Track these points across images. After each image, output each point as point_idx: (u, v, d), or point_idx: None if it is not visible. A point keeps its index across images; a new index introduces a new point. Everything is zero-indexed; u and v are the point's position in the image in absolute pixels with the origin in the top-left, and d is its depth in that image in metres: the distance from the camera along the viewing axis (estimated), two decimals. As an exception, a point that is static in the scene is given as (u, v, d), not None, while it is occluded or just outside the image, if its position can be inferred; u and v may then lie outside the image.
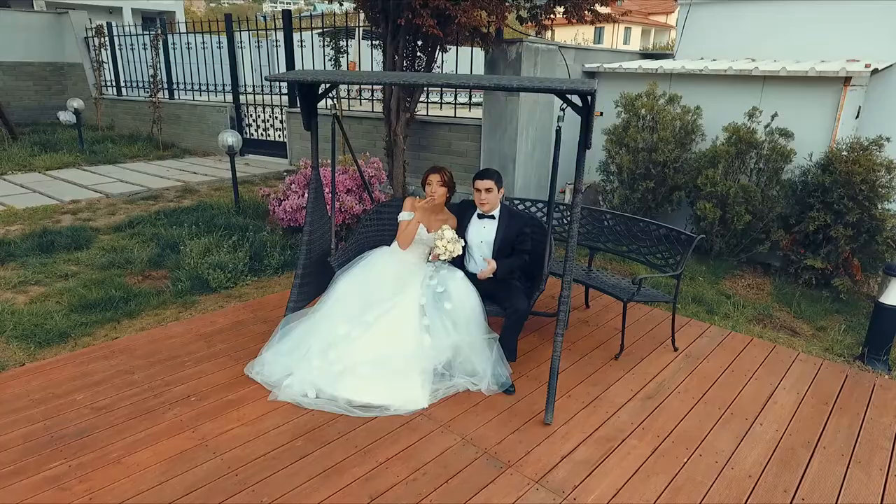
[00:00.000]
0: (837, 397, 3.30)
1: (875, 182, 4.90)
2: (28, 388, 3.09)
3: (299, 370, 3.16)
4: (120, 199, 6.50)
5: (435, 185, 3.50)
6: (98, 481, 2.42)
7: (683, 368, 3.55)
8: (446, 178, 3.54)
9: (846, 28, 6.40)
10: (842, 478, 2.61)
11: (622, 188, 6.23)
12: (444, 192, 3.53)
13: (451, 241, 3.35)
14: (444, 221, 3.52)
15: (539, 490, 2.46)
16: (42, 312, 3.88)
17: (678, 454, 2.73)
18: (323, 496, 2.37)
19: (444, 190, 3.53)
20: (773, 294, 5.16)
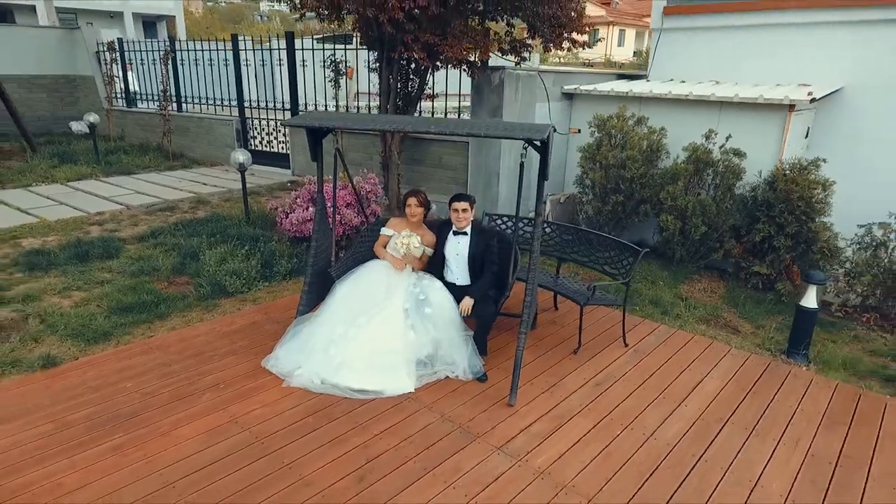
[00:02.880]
0: (755, 384, 3.98)
1: (811, 199, 5.57)
2: (84, 378, 3.75)
3: (307, 363, 3.82)
4: (140, 211, 7.15)
5: (414, 207, 4.17)
6: (151, 449, 3.07)
7: (630, 361, 4.22)
8: (422, 199, 4.21)
9: (805, 54, 7.05)
10: (741, 445, 3.28)
11: (595, 200, 6.89)
12: (421, 212, 4.20)
13: (408, 238, 4.08)
14: (422, 236, 4.19)
15: (500, 455, 3.12)
16: (86, 314, 4.53)
17: (614, 429, 3.40)
18: (330, 459, 3.03)
19: (422, 210, 4.20)
20: (725, 297, 5.83)
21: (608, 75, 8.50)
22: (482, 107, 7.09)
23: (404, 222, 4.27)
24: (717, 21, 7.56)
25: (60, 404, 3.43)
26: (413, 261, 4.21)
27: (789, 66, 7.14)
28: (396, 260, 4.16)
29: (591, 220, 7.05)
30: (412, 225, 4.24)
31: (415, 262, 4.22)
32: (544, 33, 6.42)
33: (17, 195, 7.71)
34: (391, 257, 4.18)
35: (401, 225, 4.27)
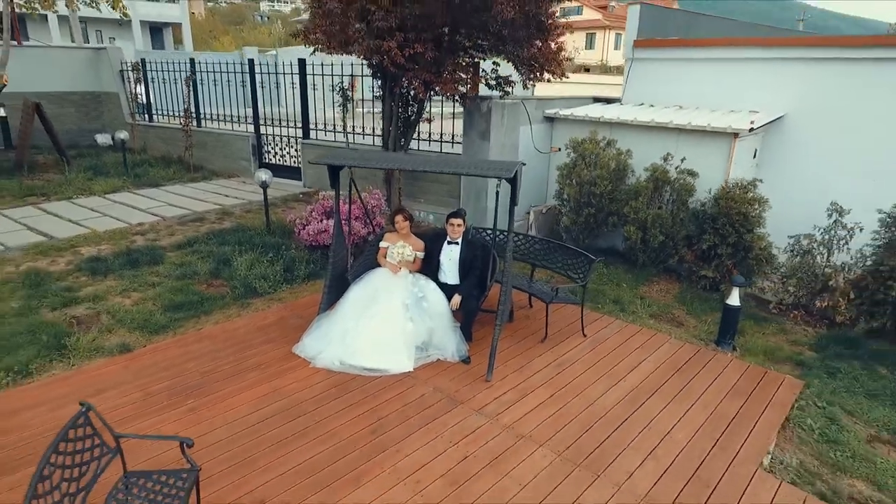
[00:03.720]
0: (683, 365, 5.01)
1: (748, 214, 6.60)
2: (154, 360, 4.77)
3: (327, 349, 4.85)
4: (174, 222, 8.18)
5: (401, 222, 5.20)
6: (217, 410, 4.10)
7: (586, 348, 5.25)
8: (406, 215, 5.26)
9: (755, 84, 8.06)
10: (661, 409, 4.32)
11: (571, 213, 7.91)
12: (407, 224, 5.23)
13: (400, 247, 5.13)
14: (412, 245, 5.22)
15: (477, 415, 4.15)
16: (146, 311, 5.56)
17: (566, 398, 4.43)
18: (349, 418, 4.06)
19: (407, 223, 5.24)
20: (677, 296, 6.87)
21: (585, 99, 9.51)
22: (473, 130, 8.12)
23: (396, 235, 5.29)
24: (680, 54, 8.59)
25: (141, 379, 4.46)
26: (408, 264, 5.22)
27: (742, 94, 8.16)
28: (393, 266, 5.18)
29: (568, 229, 8.06)
30: (402, 236, 5.27)
31: (409, 265, 5.24)
32: (524, 72, 7.43)
33: (63, 207, 8.74)
34: (389, 264, 5.21)
35: (394, 237, 5.29)
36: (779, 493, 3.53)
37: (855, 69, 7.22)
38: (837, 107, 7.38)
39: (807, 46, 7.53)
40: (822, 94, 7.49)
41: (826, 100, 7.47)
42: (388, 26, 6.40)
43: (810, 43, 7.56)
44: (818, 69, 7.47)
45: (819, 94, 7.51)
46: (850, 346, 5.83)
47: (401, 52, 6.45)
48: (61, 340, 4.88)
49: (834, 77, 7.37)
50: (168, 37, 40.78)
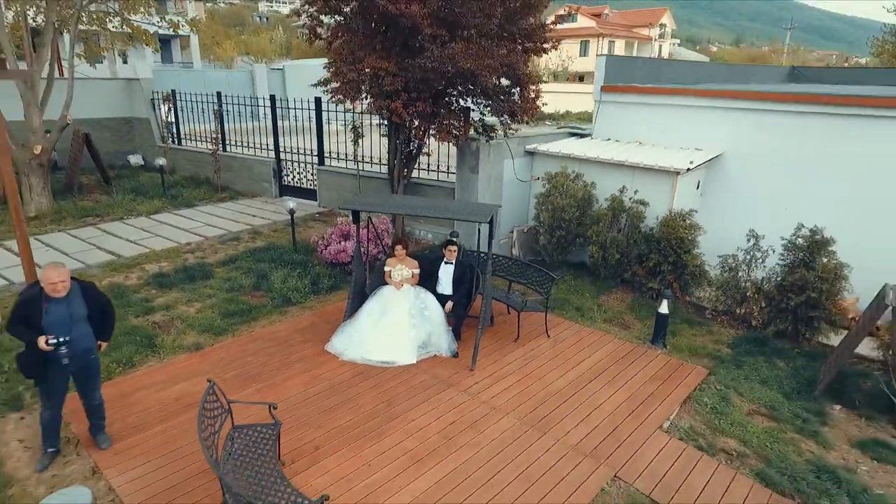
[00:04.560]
0: (620, 359, 6.62)
1: (684, 238, 8.20)
2: (221, 356, 6.37)
3: (350, 347, 6.44)
4: (215, 241, 9.77)
5: (399, 250, 6.79)
6: (276, 392, 5.69)
7: (548, 346, 6.86)
8: (405, 243, 6.84)
9: (701, 126, 9.64)
10: (597, 390, 5.93)
11: (546, 233, 9.51)
12: (404, 252, 6.81)
13: (400, 269, 6.71)
14: (408, 266, 6.80)
15: (463, 393, 5.76)
16: (208, 318, 7.16)
17: (529, 382, 6.04)
18: (371, 396, 5.66)
19: (404, 251, 6.82)
20: (629, 304, 8.47)
21: (561, 134, 11.11)
22: (465, 164, 9.72)
23: (396, 259, 6.87)
24: (639, 99, 10.20)
25: (215, 370, 6.06)
26: (408, 280, 6.80)
27: (690, 134, 9.75)
28: (397, 283, 6.78)
29: (544, 247, 9.66)
30: (400, 259, 6.85)
31: (409, 281, 6.81)
32: (504, 121, 9.00)
33: (119, 227, 10.33)
34: (394, 283, 6.80)
35: (394, 261, 6.87)
36: (667, 446, 5.15)
37: (772, 119, 8.82)
38: (760, 150, 8.98)
39: (735, 98, 9.12)
40: (749, 138, 9.09)
41: (751, 143, 9.08)
42: (394, 89, 7.99)
43: (737, 95, 9.14)
44: (744, 117, 9.07)
45: (746, 138, 9.11)
46: (759, 345, 7.44)
47: (405, 110, 8.05)
48: (151, 340, 6.48)
49: (756, 125, 8.97)
50: (176, 47, 42.34)
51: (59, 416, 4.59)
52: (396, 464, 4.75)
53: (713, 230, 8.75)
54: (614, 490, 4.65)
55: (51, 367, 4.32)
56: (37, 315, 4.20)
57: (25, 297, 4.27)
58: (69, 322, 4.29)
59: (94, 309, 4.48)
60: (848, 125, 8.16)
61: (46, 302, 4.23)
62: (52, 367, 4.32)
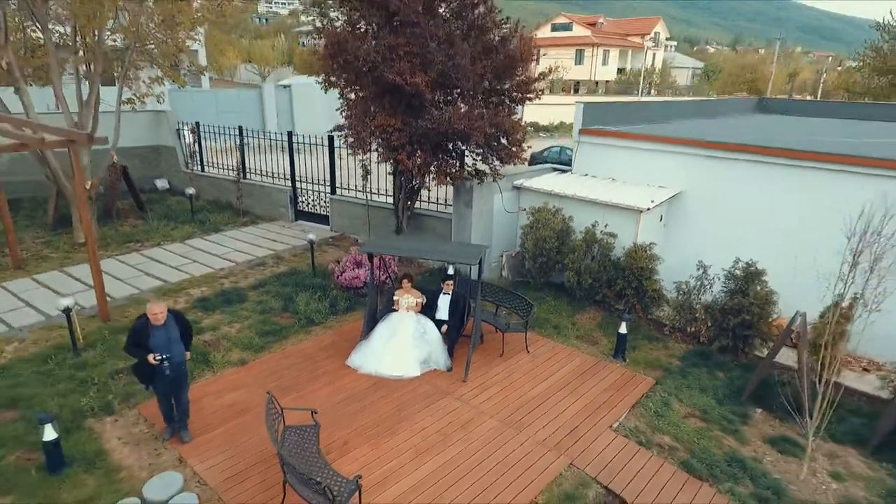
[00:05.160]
0: (586, 371, 8.14)
1: (644, 267, 9.72)
2: (262, 369, 7.88)
3: (367, 363, 7.96)
4: (244, 266, 11.28)
5: (406, 284, 8.32)
6: (309, 399, 7.21)
7: (527, 360, 8.38)
8: (410, 278, 8.37)
9: (665, 167, 11.14)
10: (564, 397, 7.45)
11: (530, 259, 11.01)
12: (410, 285, 8.33)
13: (406, 298, 8.21)
14: (413, 296, 8.32)
15: (457, 400, 7.29)
16: (247, 337, 8.67)
17: (510, 391, 7.56)
18: (384, 402, 7.18)
19: (410, 284, 8.34)
20: (599, 323, 9.99)
21: (546, 169, 12.61)
22: (460, 199, 11.22)
23: (403, 290, 8.38)
24: (610, 142, 11.71)
25: (259, 381, 7.58)
26: (413, 308, 8.32)
27: (655, 173, 11.25)
28: (404, 310, 8.29)
29: (529, 271, 11.16)
30: (407, 291, 8.36)
31: (413, 308, 8.33)
32: (494, 165, 10.51)
33: (159, 253, 11.84)
34: (401, 309, 8.31)
35: (402, 292, 8.38)
36: (614, 441, 6.68)
37: (716, 164, 10.31)
38: (709, 190, 10.49)
39: (686, 145, 10.63)
40: (700, 179, 10.61)
41: (702, 184, 10.59)
42: (400, 143, 9.51)
43: (688, 143, 10.62)
44: (695, 162, 10.57)
45: (698, 180, 10.63)
46: (704, 358, 8.97)
47: (408, 160, 9.57)
48: (206, 357, 8.00)
49: (704, 169, 10.48)
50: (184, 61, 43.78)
51: (170, 407, 6.20)
52: (405, 455, 6.27)
53: (675, 257, 10.29)
54: (570, 474, 6.18)
55: (156, 376, 5.87)
56: (145, 339, 5.75)
57: (137, 326, 5.82)
58: (168, 343, 5.84)
59: (182, 330, 6.03)
60: (777, 173, 9.68)
61: (151, 328, 5.78)
62: (157, 376, 5.87)
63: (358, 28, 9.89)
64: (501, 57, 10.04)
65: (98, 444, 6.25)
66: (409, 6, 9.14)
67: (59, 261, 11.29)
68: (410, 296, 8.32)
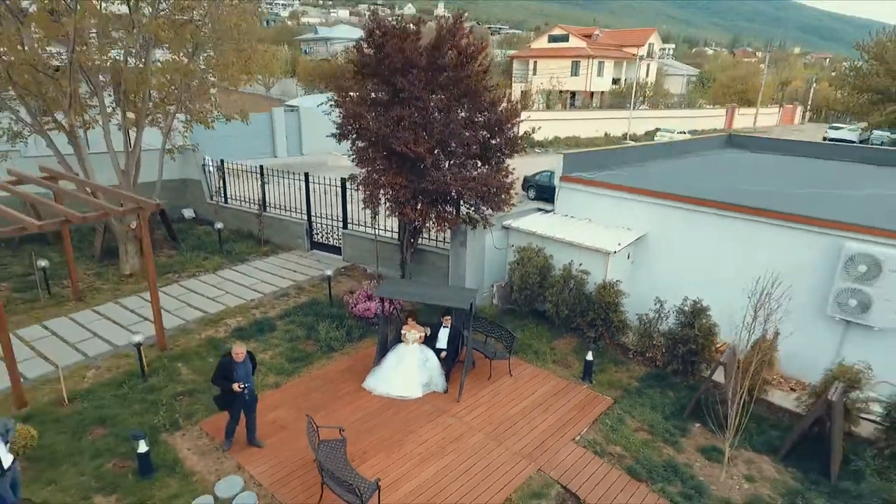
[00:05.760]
0: (557, 392, 9.97)
1: (610, 301, 11.54)
2: (293, 392, 9.71)
3: (379, 386, 9.80)
4: (271, 297, 13.10)
5: (410, 322, 10.15)
6: (333, 417, 9.03)
7: (510, 383, 10.21)
8: (416, 316, 10.21)
9: (634, 212, 12.94)
10: (538, 414, 9.28)
11: (516, 291, 12.83)
12: (414, 322, 10.17)
13: (411, 333, 10.05)
14: (417, 331, 10.15)
15: (452, 417, 9.12)
16: (279, 363, 10.49)
17: (494, 410, 9.39)
18: (395, 418, 9.02)
19: (414, 321, 10.18)
20: (574, 348, 11.81)
21: (531, 210, 14.42)
22: (456, 240, 13.04)
23: (408, 326, 10.22)
24: (585, 189, 13.52)
25: (292, 402, 9.40)
26: (416, 340, 10.15)
27: (625, 217, 13.04)
28: (408, 342, 10.12)
29: (516, 300, 12.97)
30: (412, 326, 10.20)
31: (417, 340, 10.16)
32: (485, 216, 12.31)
33: (196, 284, 13.66)
34: (407, 342, 10.14)
35: (407, 327, 10.21)
36: (574, 451, 8.51)
37: (673, 212, 12.12)
38: (668, 234, 12.30)
39: (646, 195, 12.43)
40: (662, 224, 12.42)
41: (662, 229, 12.40)
42: (406, 198, 11.34)
43: (647, 193, 12.41)
44: (655, 209, 12.37)
45: (661, 225, 12.44)
46: (659, 380, 10.79)
47: (412, 213, 11.39)
48: (248, 381, 9.81)
49: (663, 215, 12.28)
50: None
51: (235, 426, 8.07)
52: (412, 462, 8.10)
53: (641, 291, 12.11)
54: (538, 477, 8.01)
55: (235, 401, 7.72)
56: (230, 372, 7.61)
57: (224, 362, 7.72)
58: (246, 375, 7.73)
59: (252, 365, 7.90)
60: (725, 223, 11.48)
61: (234, 364, 7.64)
62: (236, 401, 7.73)
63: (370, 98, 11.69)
64: (492, 118, 11.84)
65: (174, 454, 8.08)
66: (413, 84, 10.96)
67: (110, 292, 13.12)
68: (415, 331, 10.16)
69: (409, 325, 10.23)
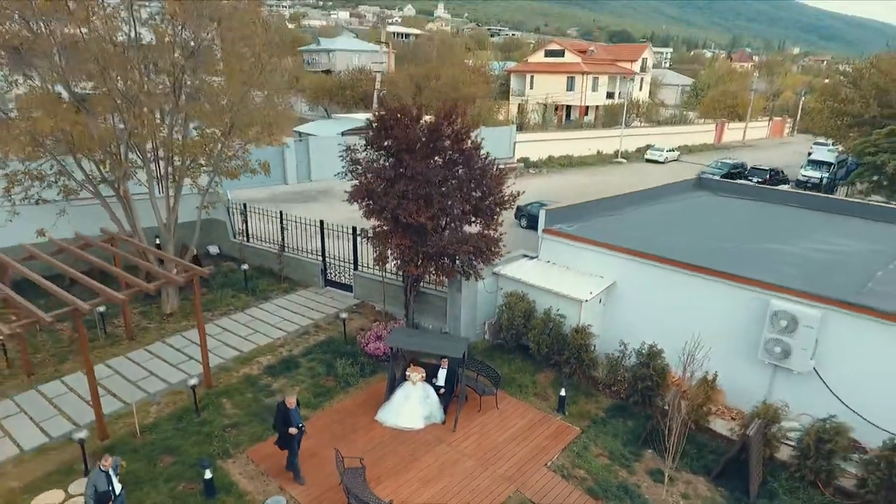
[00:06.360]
0: (535, 423, 12.14)
1: (581, 343, 13.69)
2: (319, 424, 11.87)
3: (388, 418, 11.99)
4: (293, 336, 15.26)
5: (413, 366, 12.34)
6: (353, 447, 11.17)
7: (496, 415, 12.39)
8: (417, 362, 12.38)
9: (606, 262, 15.09)
10: (518, 443, 11.45)
11: (504, 330, 15.00)
12: (415, 366, 12.34)
13: (415, 374, 12.24)
14: (419, 373, 12.34)
15: (447, 446, 11.30)
16: (305, 397, 12.65)
17: (483, 438, 11.57)
18: (403, 447, 11.20)
19: (416, 365, 12.35)
20: (552, 381, 13.98)
21: (518, 256, 16.57)
22: (453, 287, 15.19)
23: (412, 368, 12.39)
24: (563, 241, 15.67)
25: (319, 433, 11.57)
26: (419, 380, 12.32)
27: (599, 266, 15.19)
28: (412, 382, 12.29)
29: (504, 337, 15.12)
30: (415, 370, 12.37)
31: (420, 380, 12.33)
32: (478, 270, 14.48)
33: (229, 323, 15.82)
34: (411, 382, 12.30)
35: (412, 369, 12.39)
36: (546, 474, 10.69)
37: (634, 265, 14.26)
38: (633, 284, 14.45)
39: (613, 250, 14.55)
40: (626, 275, 14.56)
41: (627, 278, 14.55)
42: (410, 257, 13.50)
43: (612, 248, 14.55)
44: (620, 262, 14.53)
45: (625, 275, 14.59)
46: (622, 411, 12.96)
47: (416, 270, 13.57)
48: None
49: (627, 268, 14.43)
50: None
51: (296, 460, 10.15)
52: (417, 484, 10.28)
53: (611, 331, 14.30)
54: (515, 496, 10.18)
55: (292, 440, 9.90)
56: (287, 417, 9.78)
57: (281, 409, 9.89)
58: (299, 418, 9.89)
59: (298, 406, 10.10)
60: (675, 277, 13.62)
61: (290, 410, 9.80)
62: (293, 440, 9.90)
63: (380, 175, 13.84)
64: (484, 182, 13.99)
65: (229, 478, 10.25)
66: (417, 163, 13.12)
67: (157, 331, 15.28)
68: (417, 373, 12.34)
69: (413, 368, 12.40)
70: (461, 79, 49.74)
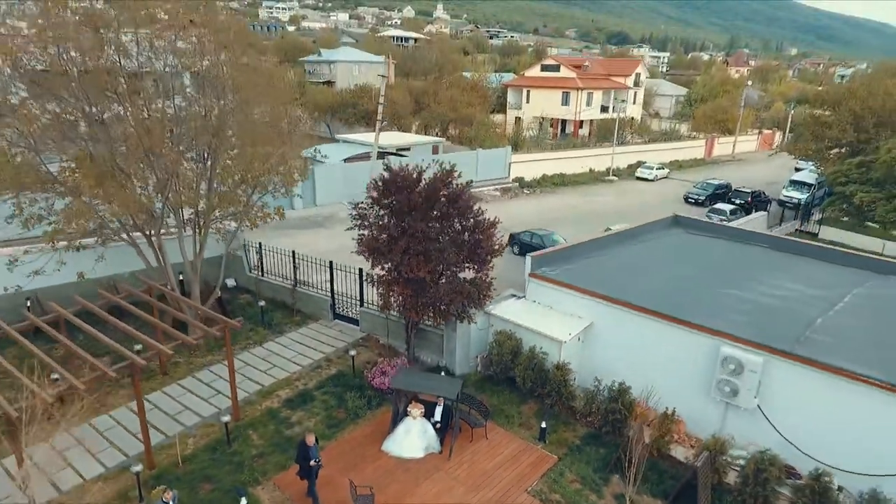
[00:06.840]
0: (519, 452, 14.10)
1: (561, 378, 15.64)
2: (332, 454, 13.81)
3: (393, 448, 13.95)
4: (307, 370, 17.20)
5: (414, 403, 14.29)
6: (363, 475, 13.14)
7: (486, 444, 14.35)
8: (417, 400, 14.34)
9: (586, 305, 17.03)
10: (504, 470, 13.42)
11: (494, 364, 16.94)
12: (416, 403, 14.31)
13: (415, 410, 14.20)
14: (419, 409, 14.29)
15: (443, 472, 13.27)
16: (320, 429, 14.59)
17: (474, 465, 13.53)
18: (406, 473, 13.15)
19: (416, 402, 14.31)
20: (536, 412, 15.93)
21: (507, 297, 18.52)
22: (449, 326, 17.14)
23: (413, 405, 14.34)
24: (548, 286, 17.61)
25: (332, 462, 13.51)
26: (419, 416, 14.26)
27: (578, 307, 17.13)
28: (413, 416, 14.24)
29: (494, 370, 17.07)
30: (415, 406, 14.32)
31: (419, 415, 14.27)
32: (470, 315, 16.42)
33: (249, 358, 17.74)
34: (412, 416, 14.25)
35: (412, 406, 14.34)
36: (526, 499, 12.65)
37: (609, 309, 16.20)
38: (607, 325, 16.40)
39: (587, 294, 16.50)
40: (600, 317, 16.51)
41: (601, 320, 16.49)
42: (412, 305, 15.46)
43: (589, 293, 16.50)
44: (596, 305, 16.48)
45: (599, 317, 16.53)
46: (596, 439, 14.92)
47: (417, 314, 15.52)
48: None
49: (602, 311, 16.38)
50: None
51: (315, 489, 12.09)
52: (417, 508, 12.25)
53: (590, 366, 16.26)
54: (500, 518, 12.15)
55: (311, 472, 11.83)
56: (307, 453, 11.71)
57: (302, 445, 11.81)
58: (317, 453, 11.83)
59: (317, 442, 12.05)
60: (640, 320, 15.56)
61: (309, 446, 11.74)
62: (312, 471, 11.83)
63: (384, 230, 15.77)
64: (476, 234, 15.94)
65: (260, 503, 12.21)
66: (418, 223, 15.07)
67: (186, 366, 17.22)
68: (417, 409, 14.31)
69: (414, 405, 14.37)
70: (460, 99, 51.61)
